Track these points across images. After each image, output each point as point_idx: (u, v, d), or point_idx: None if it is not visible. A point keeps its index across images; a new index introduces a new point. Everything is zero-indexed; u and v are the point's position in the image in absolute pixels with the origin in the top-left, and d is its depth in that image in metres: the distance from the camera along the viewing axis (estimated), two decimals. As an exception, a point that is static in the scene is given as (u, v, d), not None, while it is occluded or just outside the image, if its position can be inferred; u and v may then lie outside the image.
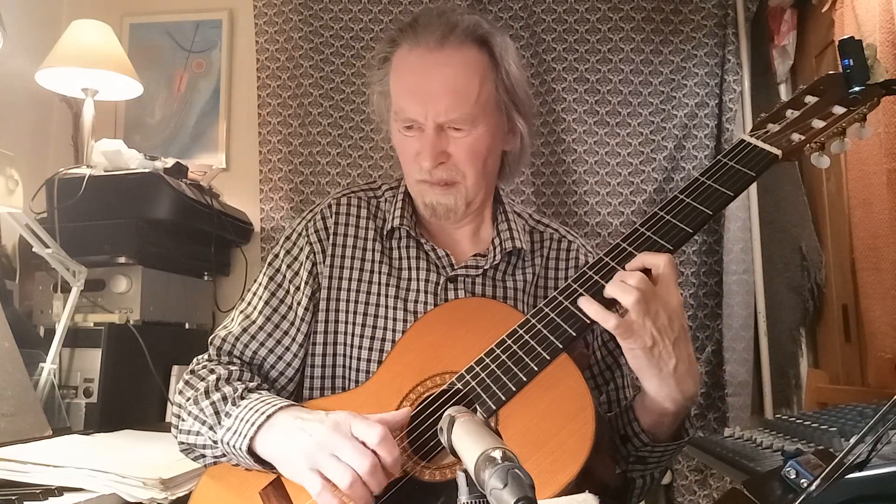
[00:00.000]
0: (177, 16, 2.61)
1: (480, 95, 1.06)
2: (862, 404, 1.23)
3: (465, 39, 1.07)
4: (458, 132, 1.07)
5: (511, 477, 0.51)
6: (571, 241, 1.22)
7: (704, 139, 2.33)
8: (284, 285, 1.15)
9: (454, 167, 1.08)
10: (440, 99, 1.05)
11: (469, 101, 1.05)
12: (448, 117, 1.05)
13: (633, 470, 1.03)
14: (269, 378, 1.12)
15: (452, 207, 1.11)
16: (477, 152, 1.08)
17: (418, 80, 1.07)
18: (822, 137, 1.02)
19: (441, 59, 1.06)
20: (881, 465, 0.77)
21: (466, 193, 1.10)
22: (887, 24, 1.64)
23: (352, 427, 0.89)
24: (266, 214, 2.44)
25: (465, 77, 1.06)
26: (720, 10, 2.36)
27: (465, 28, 1.07)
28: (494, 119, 1.10)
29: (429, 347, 1.01)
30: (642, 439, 0.99)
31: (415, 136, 1.09)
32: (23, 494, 1.18)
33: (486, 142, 1.08)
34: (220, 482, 1.03)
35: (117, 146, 2.02)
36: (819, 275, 2.17)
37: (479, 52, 1.08)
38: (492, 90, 1.08)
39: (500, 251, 1.14)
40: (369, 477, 0.86)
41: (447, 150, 1.08)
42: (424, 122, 1.06)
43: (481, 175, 1.10)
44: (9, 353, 1.59)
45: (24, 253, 2.00)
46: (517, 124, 1.14)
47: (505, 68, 1.09)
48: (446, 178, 1.09)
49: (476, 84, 1.06)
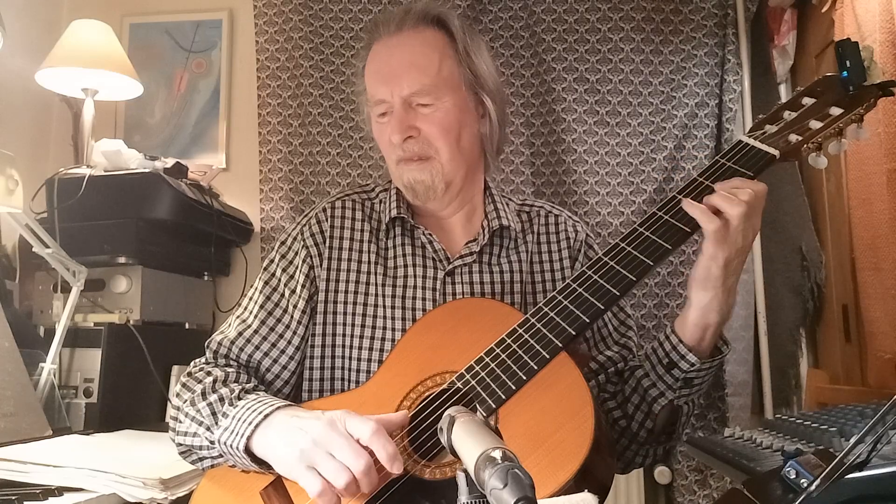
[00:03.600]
0: (177, 16, 2.61)
1: (441, 69, 1.12)
2: (862, 404, 1.23)
3: (419, 21, 1.15)
4: (425, 108, 1.12)
5: (511, 477, 0.51)
6: (558, 214, 1.25)
7: (704, 139, 2.33)
8: (280, 289, 1.16)
9: (425, 141, 1.12)
10: (401, 75, 1.11)
11: (429, 73, 1.11)
12: (411, 89, 1.11)
13: (680, 396, 1.05)
14: (266, 381, 1.12)
15: (430, 185, 1.13)
16: (447, 127, 1.12)
17: (382, 63, 1.15)
18: (820, 138, 1.03)
19: (400, 40, 1.14)
20: (881, 465, 0.77)
21: (443, 170, 1.13)
22: (887, 24, 1.64)
23: (346, 424, 0.89)
24: (266, 214, 2.44)
25: (422, 52, 1.13)
26: (720, 10, 2.36)
27: (418, 11, 1.15)
28: (461, 95, 1.14)
29: (429, 347, 1.01)
30: (689, 360, 1.01)
31: (387, 121, 1.14)
32: (23, 494, 1.18)
33: (454, 115, 1.13)
34: (220, 483, 1.03)
35: (117, 146, 2.02)
36: (819, 275, 2.17)
37: (436, 31, 1.15)
38: (453, 66, 1.14)
39: (488, 231, 1.17)
40: (363, 476, 0.86)
41: (416, 124, 1.12)
42: (391, 99, 1.12)
43: (456, 151, 1.13)
44: (9, 353, 1.59)
45: (24, 253, 2.00)
46: (485, 102, 1.17)
47: (464, 46, 1.15)
48: (418, 152, 1.13)
49: (435, 58, 1.13)
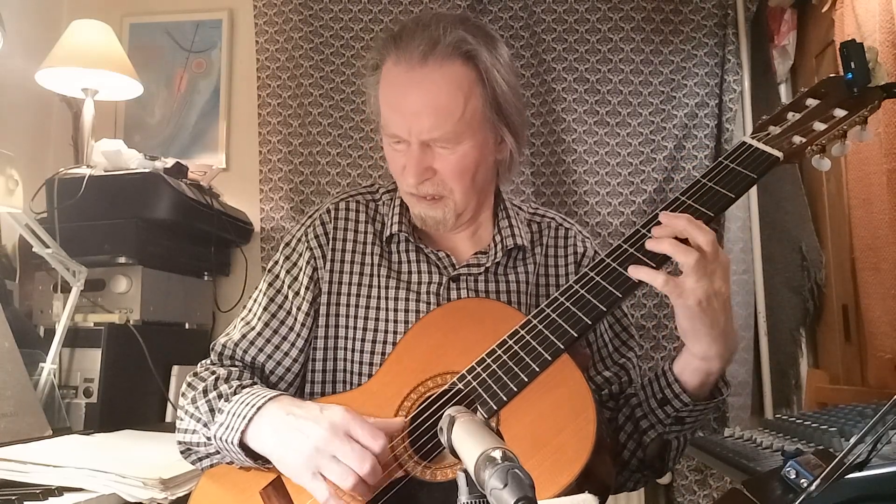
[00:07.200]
0: (177, 16, 2.61)
1: (465, 112, 1.04)
2: (862, 404, 1.23)
3: (448, 55, 1.03)
4: (444, 149, 1.05)
5: (511, 477, 0.51)
6: (568, 228, 1.23)
7: (704, 139, 2.33)
8: (283, 291, 1.15)
9: (441, 182, 1.07)
10: (423, 117, 1.03)
11: (452, 118, 1.03)
12: (431, 135, 1.04)
13: (670, 432, 1.03)
14: (270, 382, 1.12)
15: (441, 220, 1.11)
16: (464, 169, 1.07)
17: (401, 98, 1.05)
18: (823, 140, 1.02)
19: (424, 74, 1.03)
20: (881, 465, 0.77)
21: (455, 207, 1.10)
22: (887, 24, 1.64)
23: (351, 431, 0.90)
24: (266, 214, 2.44)
25: (447, 94, 1.03)
26: (720, 10, 2.36)
27: (448, 44, 1.03)
28: (482, 134, 1.07)
29: (430, 348, 1.01)
30: (683, 400, 0.99)
31: (402, 151, 1.08)
32: (23, 494, 1.18)
33: (472, 157, 1.07)
34: (219, 481, 1.03)
35: (117, 146, 2.02)
36: (819, 275, 2.17)
37: (464, 67, 1.04)
38: (478, 106, 1.05)
39: (501, 249, 1.14)
40: (370, 476, 0.87)
41: (433, 165, 1.06)
42: (408, 138, 1.05)
43: (470, 188, 1.09)
44: (9, 353, 1.59)
45: (24, 253, 2.00)
46: (505, 139, 1.12)
47: (492, 84, 1.06)
48: (433, 193, 1.08)
49: (460, 100, 1.03)
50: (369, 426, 0.90)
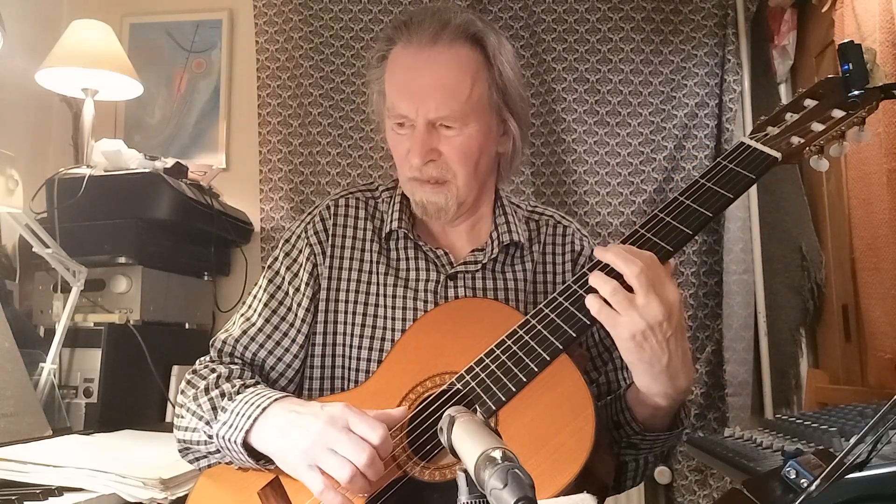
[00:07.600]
0: (177, 16, 2.61)
1: (472, 94, 1.06)
2: (862, 404, 1.23)
3: (457, 37, 1.06)
4: (449, 130, 1.06)
5: (511, 477, 0.51)
6: (567, 225, 1.22)
7: (704, 139, 2.33)
8: (283, 287, 1.15)
9: (445, 165, 1.08)
10: (430, 96, 1.05)
11: (459, 98, 1.05)
12: (438, 114, 1.05)
13: (625, 454, 1.04)
14: (269, 379, 1.12)
15: (443, 207, 1.11)
16: (468, 152, 1.08)
17: (410, 77, 1.07)
18: (822, 141, 1.02)
19: (433, 56, 1.06)
20: (881, 465, 0.77)
21: (458, 193, 1.10)
22: (887, 24, 1.64)
23: (350, 423, 0.89)
24: (266, 214, 2.44)
25: (456, 74, 1.05)
26: (720, 10, 2.36)
27: (457, 25, 1.06)
28: (486, 119, 1.09)
29: (428, 347, 1.01)
30: (634, 427, 0.99)
31: (406, 134, 1.09)
32: (23, 494, 1.18)
33: (477, 141, 1.08)
34: (217, 481, 1.03)
35: (117, 146, 2.02)
36: (819, 275, 2.17)
37: (472, 50, 1.07)
38: (484, 89, 1.08)
39: (497, 245, 1.15)
40: (368, 469, 0.87)
41: (438, 147, 1.07)
42: (415, 118, 1.06)
43: (473, 175, 1.10)
44: (9, 353, 1.59)
45: (24, 253, 2.00)
46: (509, 126, 1.13)
47: (498, 68, 1.08)
48: (437, 176, 1.09)
49: (468, 82, 1.06)
50: (368, 418, 0.89)
